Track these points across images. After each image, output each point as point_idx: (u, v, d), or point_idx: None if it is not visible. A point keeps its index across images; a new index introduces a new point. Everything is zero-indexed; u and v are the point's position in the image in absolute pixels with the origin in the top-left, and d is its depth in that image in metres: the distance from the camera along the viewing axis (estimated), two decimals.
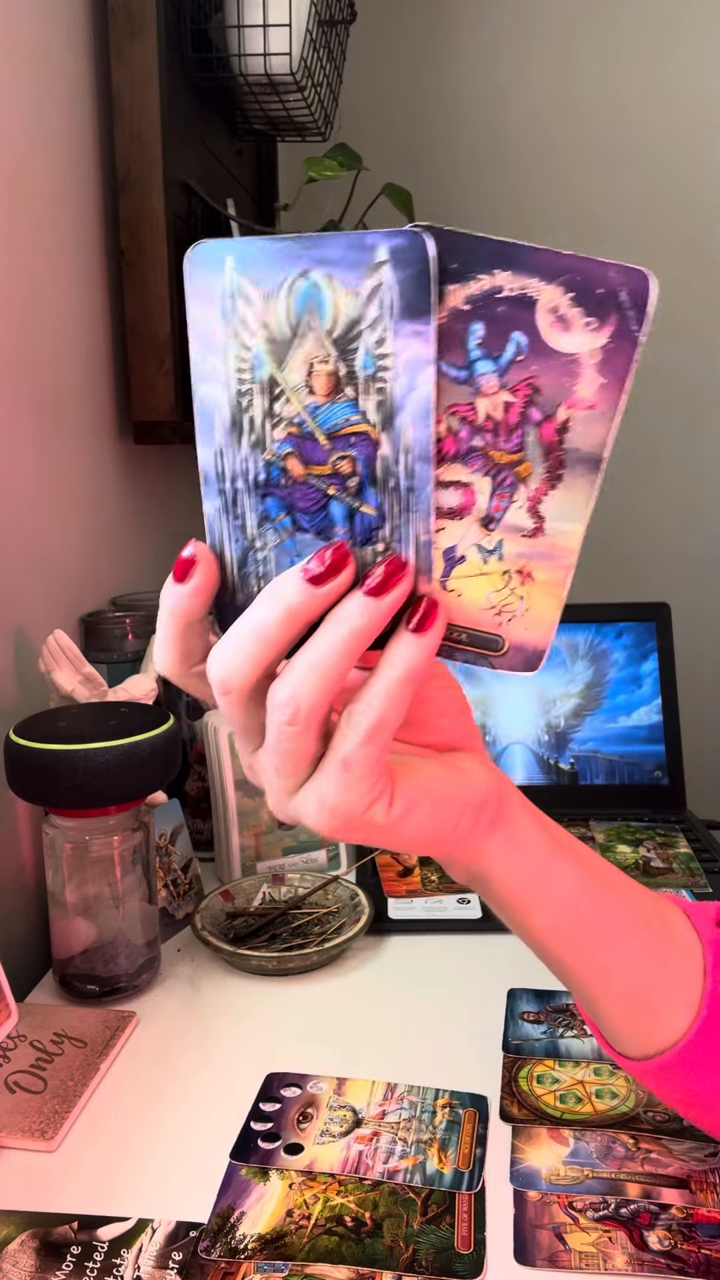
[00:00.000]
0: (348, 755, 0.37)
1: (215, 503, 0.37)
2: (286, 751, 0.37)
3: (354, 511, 0.36)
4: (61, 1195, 0.54)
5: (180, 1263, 0.49)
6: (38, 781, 0.68)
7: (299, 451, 0.36)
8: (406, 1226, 0.51)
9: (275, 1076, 0.63)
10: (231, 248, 0.34)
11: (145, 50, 0.91)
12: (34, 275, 0.83)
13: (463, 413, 0.35)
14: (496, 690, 1.06)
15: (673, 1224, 0.51)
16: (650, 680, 1.06)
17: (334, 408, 0.35)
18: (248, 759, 0.41)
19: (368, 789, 0.37)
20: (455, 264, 0.33)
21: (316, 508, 0.36)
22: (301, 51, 1.04)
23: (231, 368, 0.35)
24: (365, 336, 0.34)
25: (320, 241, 0.33)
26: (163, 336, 0.97)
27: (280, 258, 0.34)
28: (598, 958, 0.45)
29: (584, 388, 0.34)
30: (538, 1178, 0.54)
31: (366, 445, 0.35)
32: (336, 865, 0.92)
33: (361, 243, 0.33)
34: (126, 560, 1.05)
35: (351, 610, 0.35)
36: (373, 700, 0.36)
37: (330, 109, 1.20)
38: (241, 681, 0.37)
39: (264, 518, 0.37)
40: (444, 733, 0.43)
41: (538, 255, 0.33)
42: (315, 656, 0.36)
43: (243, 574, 0.38)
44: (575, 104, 1.48)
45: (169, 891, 0.82)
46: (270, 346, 0.35)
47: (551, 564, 0.36)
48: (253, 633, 0.36)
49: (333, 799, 0.37)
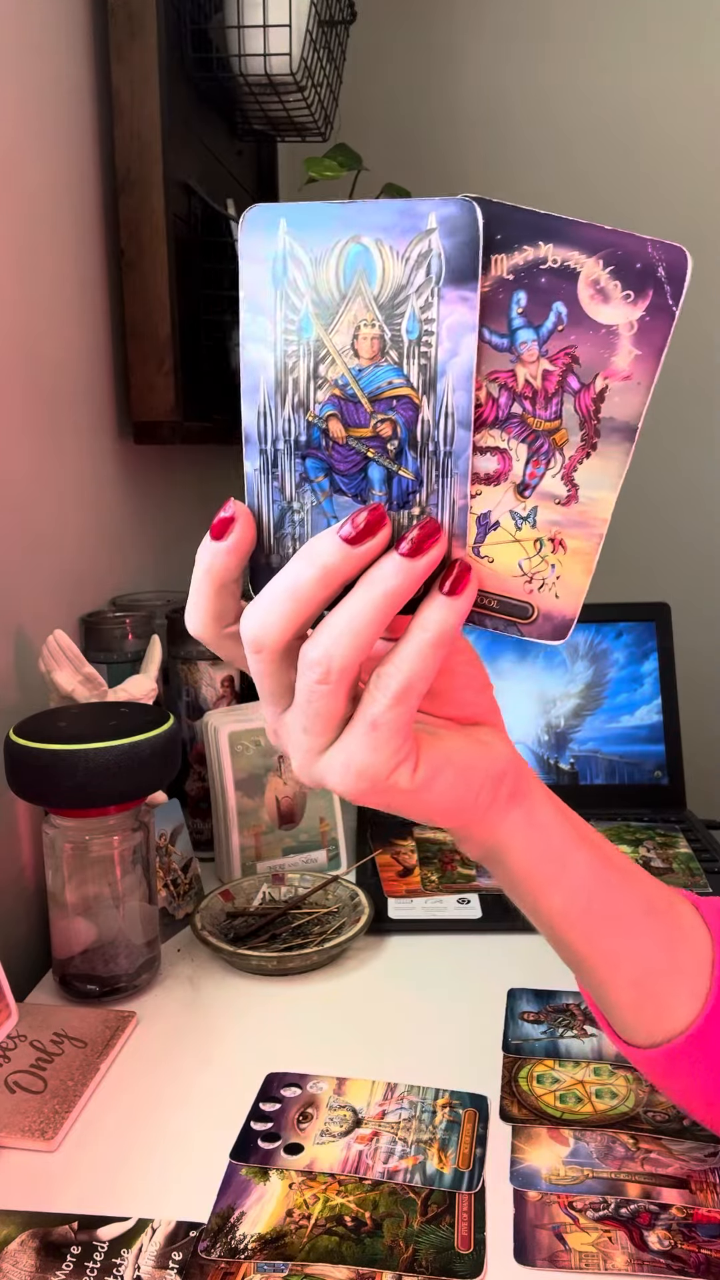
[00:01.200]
0: (376, 717, 0.37)
1: (256, 462, 0.37)
2: (317, 712, 0.38)
3: (392, 475, 0.36)
4: (61, 1195, 0.54)
5: (180, 1263, 0.49)
6: (38, 781, 0.68)
7: (341, 413, 0.36)
8: (406, 1226, 0.51)
9: (275, 1076, 0.63)
10: (285, 211, 0.35)
11: (145, 50, 0.91)
12: (34, 275, 0.83)
13: (503, 379, 0.35)
14: (497, 690, 1.05)
15: (673, 1224, 0.51)
16: (650, 680, 1.06)
17: (378, 371, 0.35)
18: (274, 722, 0.41)
19: (393, 751, 0.38)
20: (500, 234, 0.34)
21: (355, 470, 0.37)
22: (301, 51, 1.04)
23: (279, 329, 0.36)
24: (412, 301, 0.34)
25: (372, 208, 0.34)
26: (163, 336, 0.97)
27: (332, 222, 0.34)
28: (608, 943, 0.46)
29: (621, 359, 0.35)
30: (538, 1178, 0.54)
31: (408, 409, 0.35)
32: (336, 865, 0.92)
33: (413, 210, 0.33)
34: (126, 560, 1.05)
35: (386, 571, 0.36)
36: (402, 662, 0.37)
37: (330, 109, 1.20)
38: (274, 640, 0.37)
39: (303, 479, 0.37)
40: (467, 706, 0.44)
41: (581, 229, 0.34)
42: (349, 616, 0.36)
43: (279, 535, 0.38)
44: (575, 103, 1.48)
45: (169, 891, 0.82)
46: (318, 309, 0.35)
47: (584, 532, 0.37)
48: (287, 592, 0.36)
49: (359, 761, 0.38)
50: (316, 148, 1.27)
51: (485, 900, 0.85)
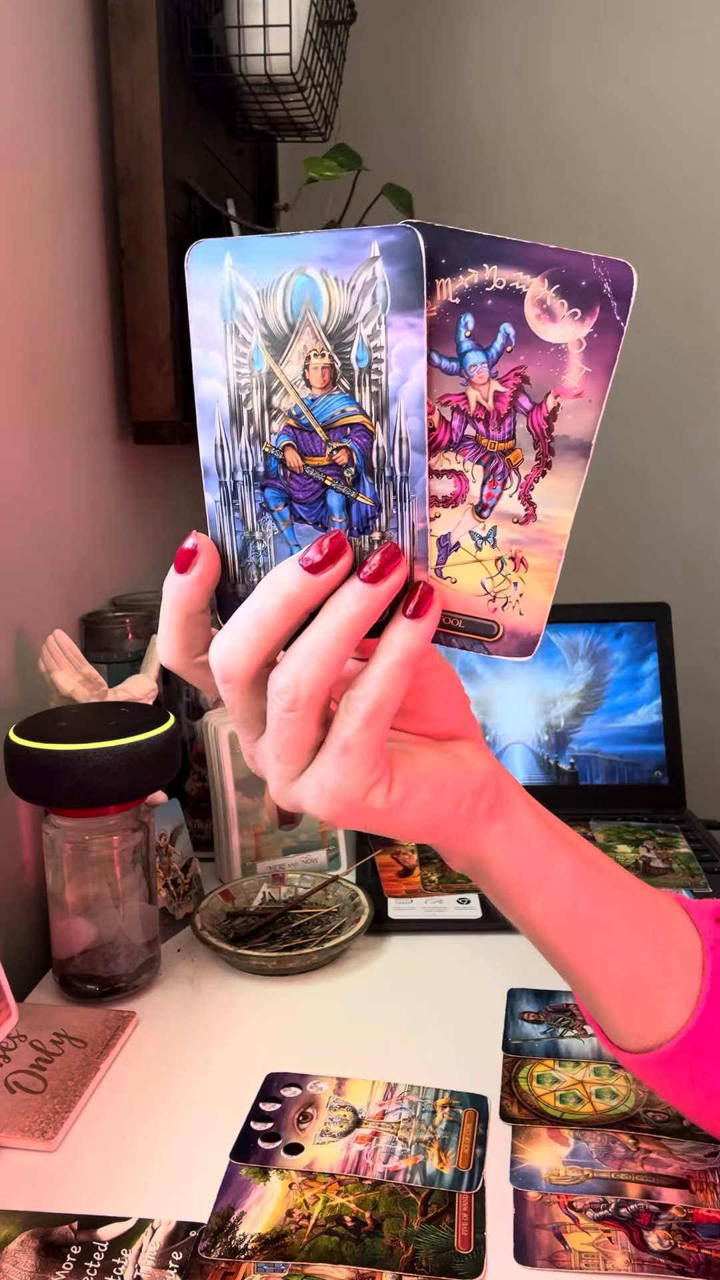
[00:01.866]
0: (347, 740, 0.37)
1: (216, 494, 0.38)
2: (288, 739, 0.38)
3: (351, 501, 0.37)
4: (61, 1195, 0.54)
5: (180, 1263, 0.49)
6: (38, 781, 0.68)
7: (297, 443, 0.36)
8: (406, 1226, 0.51)
9: (275, 1076, 0.63)
10: (230, 246, 0.35)
11: (145, 50, 0.91)
12: (34, 275, 0.83)
13: (455, 402, 0.36)
14: (497, 690, 1.06)
15: (673, 1224, 0.51)
16: (650, 680, 1.06)
17: (330, 400, 0.36)
18: (249, 748, 0.42)
19: (366, 773, 0.38)
20: (444, 259, 0.34)
21: (314, 498, 0.37)
22: (301, 52, 1.04)
23: (231, 363, 0.36)
24: (359, 330, 0.35)
25: (315, 239, 0.34)
26: (163, 336, 0.97)
27: (276, 255, 0.35)
28: (594, 947, 0.46)
29: (571, 376, 0.35)
30: (538, 1178, 0.54)
31: (362, 436, 0.36)
32: (336, 865, 0.92)
33: (355, 239, 0.34)
34: (126, 560, 1.05)
35: (349, 598, 0.36)
36: (371, 685, 0.37)
37: (330, 109, 1.20)
38: (242, 670, 0.38)
39: (263, 508, 0.38)
40: (442, 722, 0.44)
41: (524, 249, 0.34)
42: (314, 643, 0.36)
43: (243, 565, 0.39)
44: (575, 103, 1.48)
45: (169, 891, 0.82)
46: (268, 341, 0.36)
47: (543, 549, 0.37)
48: (253, 621, 0.37)
49: (332, 783, 0.38)
50: (316, 148, 1.27)
51: (485, 900, 0.85)
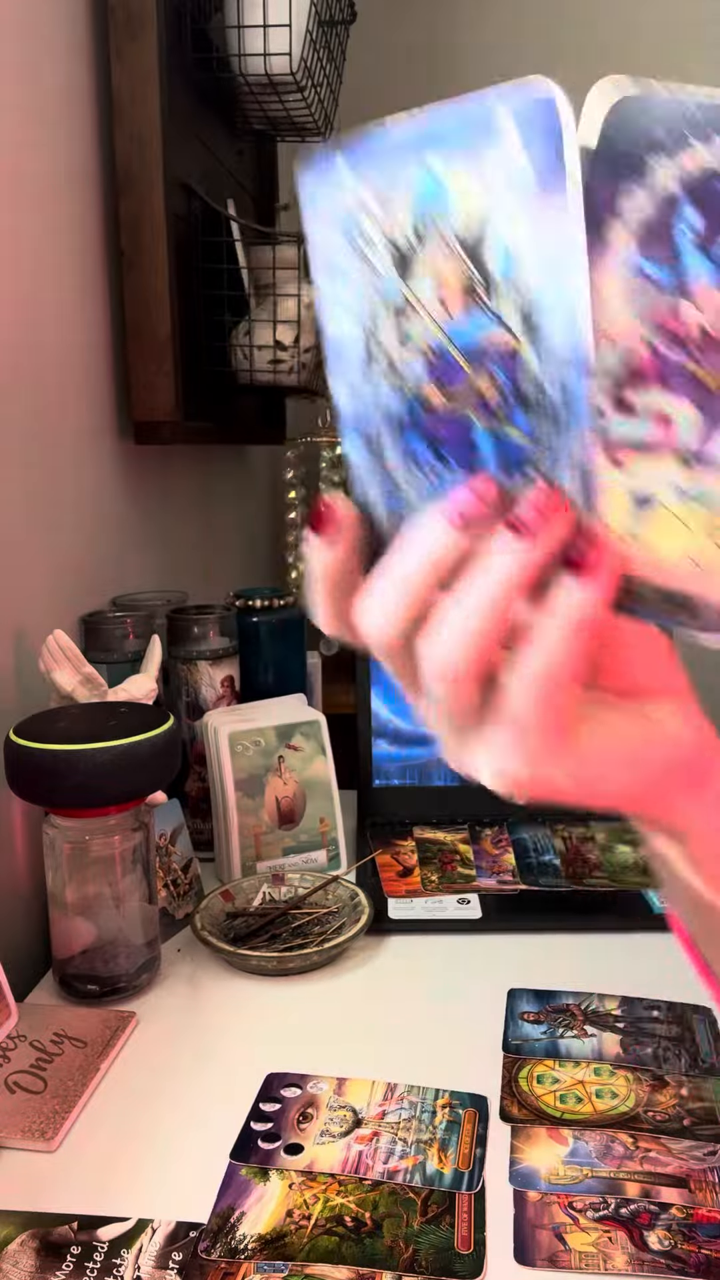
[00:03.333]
0: (515, 712, 0.33)
1: (354, 443, 0.33)
2: (449, 710, 0.34)
3: (502, 439, 0.30)
4: (61, 1195, 0.54)
5: (180, 1263, 0.49)
6: (38, 781, 0.68)
7: (437, 377, 0.30)
8: (406, 1226, 0.51)
9: (275, 1076, 0.63)
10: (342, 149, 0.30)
11: (145, 50, 0.91)
12: (34, 275, 0.83)
13: (666, 324, 0.28)
14: None
15: (673, 1224, 0.51)
16: None
17: (470, 320, 0.29)
18: (420, 712, 0.38)
19: (539, 745, 0.34)
20: (660, 130, 0.26)
21: (461, 439, 0.31)
22: (301, 51, 1.04)
23: (359, 293, 0.31)
24: (497, 227, 0.28)
25: (434, 118, 0.28)
26: (163, 336, 0.97)
27: (393, 150, 0.29)
28: None
29: None
30: (537, 1178, 0.54)
31: (509, 358, 0.29)
32: (336, 865, 0.92)
33: (476, 112, 0.27)
34: (126, 560, 1.05)
35: (499, 557, 0.31)
36: (539, 652, 0.32)
37: (330, 109, 1.20)
38: (389, 636, 0.34)
39: (407, 456, 0.32)
40: (642, 681, 0.38)
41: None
42: (464, 615, 0.32)
43: (392, 522, 0.34)
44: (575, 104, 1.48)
45: (169, 891, 0.82)
46: (396, 258, 0.30)
47: None
48: (395, 587, 0.33)
49: (501, 759, 0.34)
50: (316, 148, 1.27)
51: (485, 900, 0.85)
